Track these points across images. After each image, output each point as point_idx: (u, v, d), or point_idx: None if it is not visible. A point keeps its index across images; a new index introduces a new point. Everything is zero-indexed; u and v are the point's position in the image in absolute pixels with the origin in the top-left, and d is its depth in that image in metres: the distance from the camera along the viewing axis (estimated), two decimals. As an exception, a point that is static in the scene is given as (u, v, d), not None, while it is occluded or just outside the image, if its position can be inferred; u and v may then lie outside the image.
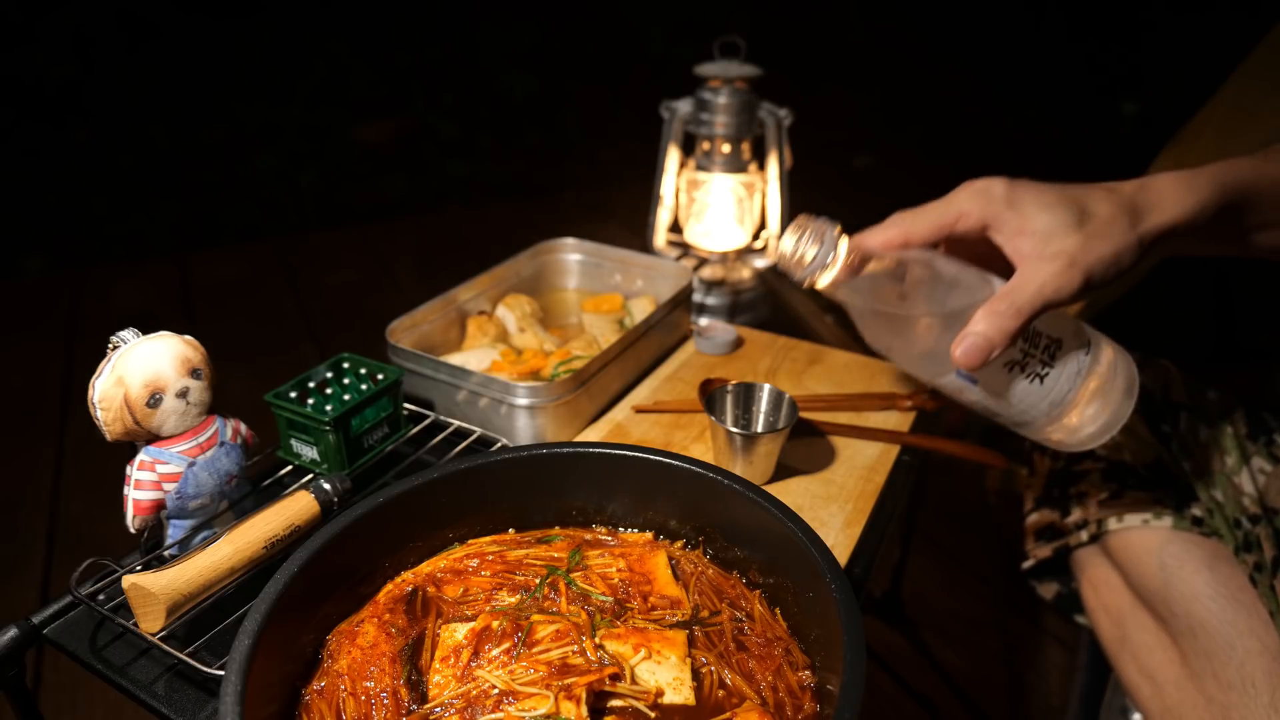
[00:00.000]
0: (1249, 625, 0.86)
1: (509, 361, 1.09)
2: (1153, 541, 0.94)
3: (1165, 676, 0.93)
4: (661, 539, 0.76)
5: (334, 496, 0.77)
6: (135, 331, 0.73)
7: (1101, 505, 1.00)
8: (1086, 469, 1.04)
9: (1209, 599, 0.88)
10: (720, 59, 1.41)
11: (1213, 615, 0.87)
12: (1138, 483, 0.99)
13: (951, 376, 0.74)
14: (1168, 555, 0.92)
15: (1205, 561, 0.90)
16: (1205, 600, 0.88)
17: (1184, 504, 0.96)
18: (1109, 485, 1.00)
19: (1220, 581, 0.89)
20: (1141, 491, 0.98)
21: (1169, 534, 0.93)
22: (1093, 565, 1.04)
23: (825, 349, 1.19)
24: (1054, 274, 0.67)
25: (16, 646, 0.70)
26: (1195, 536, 0.93)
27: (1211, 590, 0.88)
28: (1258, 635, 0.85)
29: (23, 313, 2.70)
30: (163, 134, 3.83)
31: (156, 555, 0.77)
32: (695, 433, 1.01)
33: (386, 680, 0.60)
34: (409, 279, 2.94)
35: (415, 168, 3.97)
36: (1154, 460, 1.01)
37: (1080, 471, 1.04)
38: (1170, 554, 0.92)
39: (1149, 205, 0.70)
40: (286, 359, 2.43)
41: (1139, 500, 0.97)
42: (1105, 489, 1.00)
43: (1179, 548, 0.92)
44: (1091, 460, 1.04)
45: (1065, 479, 1.06)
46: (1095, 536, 1.01)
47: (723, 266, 1.50)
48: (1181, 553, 0.92)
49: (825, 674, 0.60)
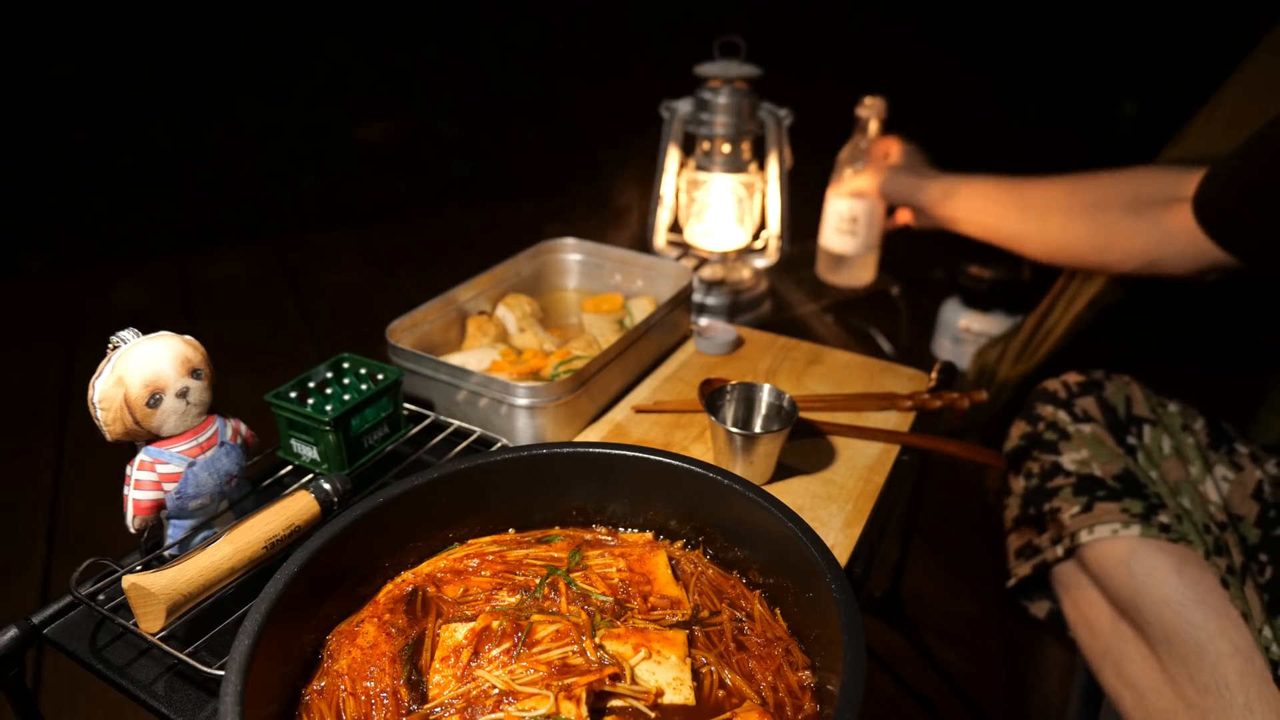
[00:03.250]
0: (1219, 628, 0.86)
1: (509, 361, 1.09)
2: (1123, 550, 0.95)
3: (1146, 685, 0.93)
4: (661, 539, 0.76)
5: (334, 496, 0.77)
6: (135, 331, 0.73)
7: (1073, 519, 1.01)
8: (1058, 485, 1.05)
9: (1178, 604, 0.89)
10: (720, 59, 1.41)
11: (1184, 620, 0.88)
12: (1107, 494, 1.00)
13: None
14: (1136, 563, 0.93)
15: (1173, 567, 0.91)
16: (1175, 605, 0.89)
17: (1152, 512, 0.97)
18: (1080, 499, 1.02)
19: (1189, 585, 0.90)
20: (1111, 502, 0.99)
21: (1137, 541, 0.94)
22: (1072, 581, 1.05)
23: (825, 349, 1.19)
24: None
25: (16, 646, 0.70)
26: (1163, 543, 0.94)
27: (1180, 595, 0.89)
28: (1229, 637, 0.85)
29: (23, 313, 2.70)
30: (163, 134, 3.82)
31: (156, 555, 0.77)
32: (695, 433, 1.01)
33: (386, 680, 0.60)
34: (409, 279, 2.94)
35: (415, 168, 3.97)
36: (1123, 471, 1.02)
37: (1052, 488, 1.06)
38: (1139, 561, 0.93)
39: (953, 190, 1.37)
40: (286, 359, 2.43)
41: (1108, 511, 0.98)
42: (1076, 502, 1.02)
43: (1147, 554, 0.93)
44: (1063, 476, 1.05)
45: (1039, 496, 1.08)
46: (1070, 550, 1.02)
47: (723, 266, 1.50)
48: (1149, 559, 0.93)
49: (825, 674, 0.60)
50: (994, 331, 1.97)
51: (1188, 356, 1.34)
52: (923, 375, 1.13)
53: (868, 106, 1.56)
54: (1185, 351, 1.63)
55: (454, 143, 4.20)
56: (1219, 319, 1.69)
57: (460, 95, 4.48)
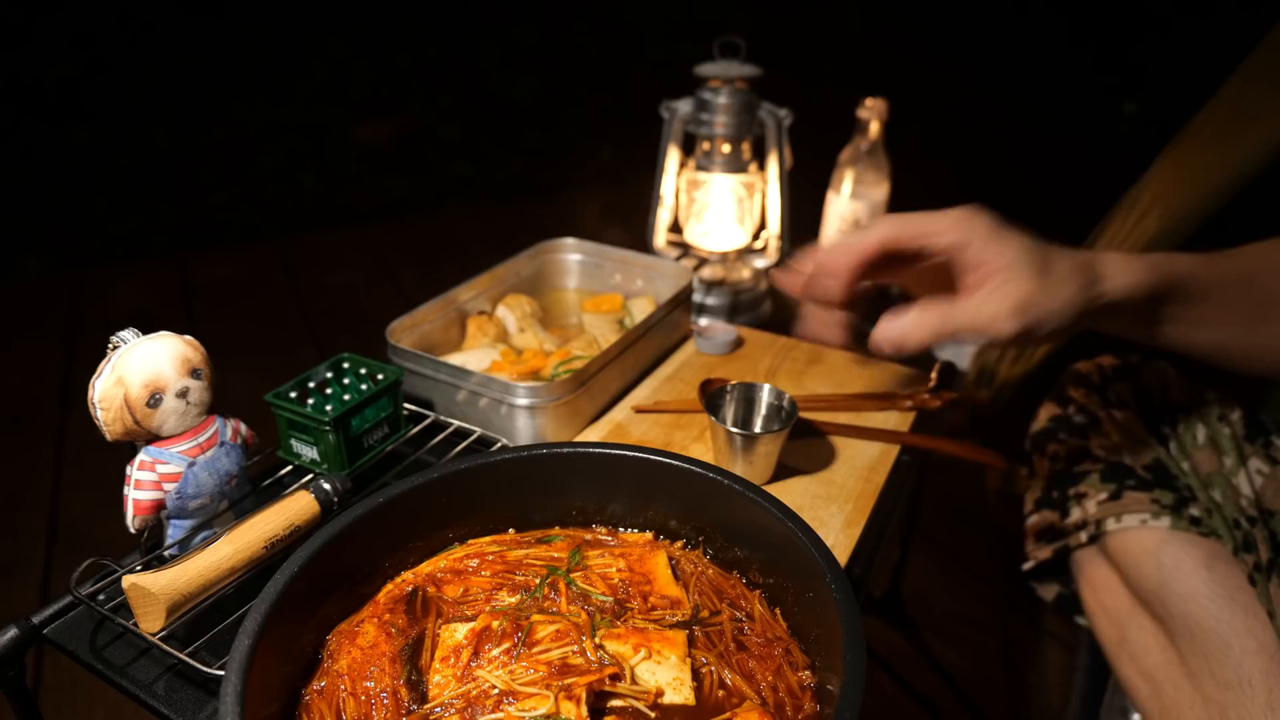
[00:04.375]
0: (1246, 625, 0.86)
1: (509, 361, 1.09)
2: (1150, 542, 0.94)
3: (1163, 677, 0.93)
4: (661, 539, 0.76)
5: (334, 496, 0.77)
6: (135, 331, 0.73)
7: (1100, 506, 1.00)
8: (1086, 470, 1.04)
9: (1206, 599, 0.88)
10: (720, 59, 1.41)
11: (1210, 615, 0.87)
12: (1137, 483, 0.99)
13: None
14: (1165, 555, 0.92)
15: (1203, 561, 0.90)
16: (1202, 600, 0.88)
17: (1182, 504, 0.96)
18: (1108, 486, 1.00)
19: (1217, 581, 0.89)
20: (1140, 492, 0.98)
21: (1166, 534, 0.93)
22: (1092, 566, 1.04)
23: (825, 349, 1.19)
24: (999, 312, 0.71)
25: (16, 646, 0.70)
26: (1193, 536, 0.93)
27: (1209, 590, 0.88)
28: (1255, 635, 0.85)
29: (23, 313, 2.70)
30: (163, 134, 3.82)
31: (156, 555, 0.77)
32: (695, 433, 1.01)
33: (386, 680, 0.60)
34: (409, 279, 2.94)
35: (415, 168, 3.97)
36: (1153, 461, 1.01)
37: (1080, 473, 1.04)
38: (1167, 554, 0.92)
39: (1101, 275, 0.74)
40: (286, 359, 2.43)
41: (1137, 501, 0.97)
42: (1104, 489, 1.00)
43: (1176, 548, 0.92)
44: (1091, 461, 1.04)
45: (1065, 480, 1.06)
46: (1094, 537, 1.01)
47: (723, 266, 1.50)
48: (1179, 553, 0.92)
49: (825, 674, 0.60)
50: (994, 332, 1.96)
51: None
52: (923, 375, 1.13)
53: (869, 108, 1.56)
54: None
55: (454, 143, 4.20)
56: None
57: (460, 95, 4.48)
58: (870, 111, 1.57)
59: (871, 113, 1.57)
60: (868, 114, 1.57)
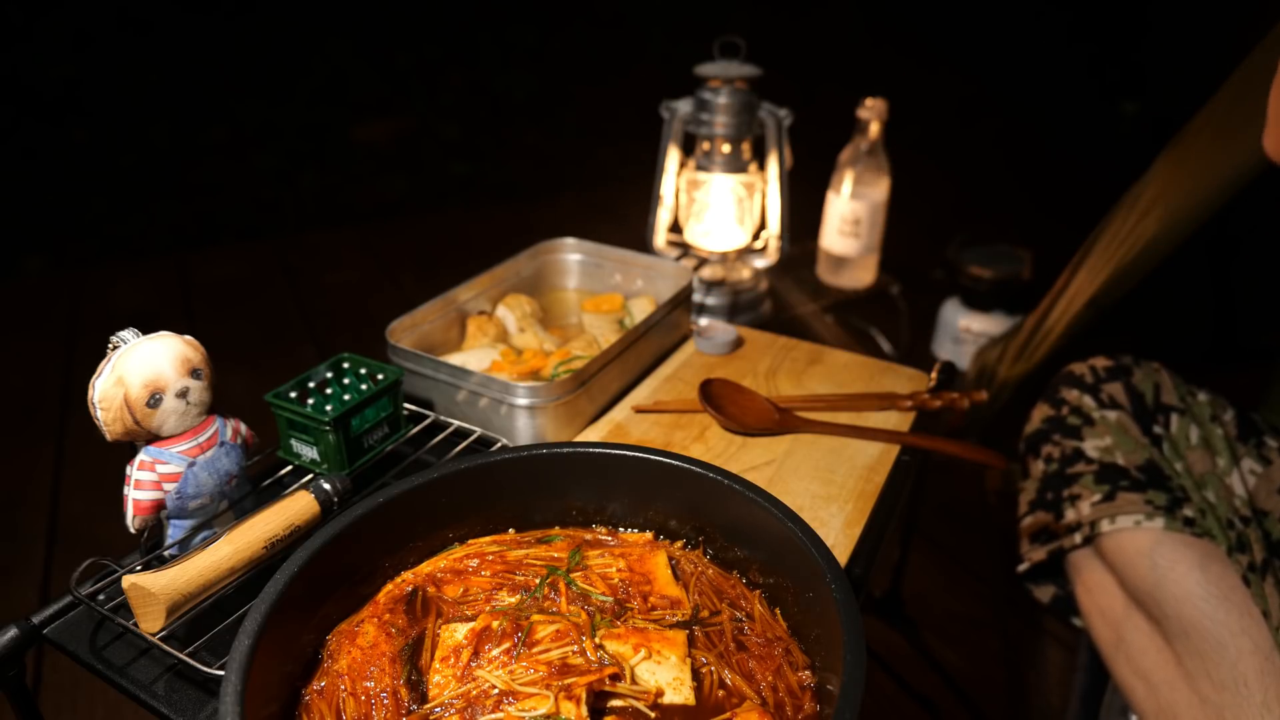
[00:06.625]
0: (1241, 625, 0.86)
1: (509, 361, 1.09)
2: (1145, 543, 0.94)
3: (1159, 677, 0.93)
4: (661, 539, 0.76)
5: (334, 496, 0.77)
6: (135, 331, 0.73)
7: (1094, 507, 1.00)
8: (1079, 471, 1.04)
9: (1201, 600, 0.88)
10: (720, 59, 1.41)
11: (1205, 616, 0.88)
12: (1130, 484, 0.99)
13: None
14: (1159, 556, 0.92)
15: (1197, 562, 0.90)
16: (1197, 601, 0.89)
17: (1176, 505, 0.96)
18: (1101, 487, 1.00)
19: (1212, 582, 0.89)
20: (1134, 493, 0.98)
21: (1160, 535, 0.94)
22: (1087, 567, 1.04)
23: (825, 349, 1.19)
24: None
25: (16, 646, 0.70)
26: (1187, 537, 0.93)
27: (1203, 591, 0.89)
28: (1250, 635, 0.85)
29: (23, 313, 2.70)
30: (163, 134, 3.83)
31: (156, 555, 0.77)
32: (695, 433, 1.01)
33: (386, 680, 0.60)
34: (409, 279, 2.94)
35: (415, 168, 3.97)
36: (1146, 462, 1.01)
37: (1073, 474, 1.05)
38: (1162, 555, 0.92)
39: None
40: (286, 359, 2.43)
41: (1131, 502, 0.97)
42: (1098, 491, 1.01)
43: (1170, 549, 0.92)
44: (1084, 463, 1.04)
45: (1059, 482, 1.06)
46: (1089, 538, 1.01)
47: (723, 266, 1.50)
48: (1173, 554, 0.92)
49: (825, 674, 0.60)
50: (994, 331, 1.97)
51: (1188, 356, 1.33)
52: (923, 375, 1.13)
53: (869, 108, 1.56)
54: (1185, 351, 1.63)
55: (454, 143, 4.20)
56: (1219, 319, 1.69)
57: (460, 95, 4.48)
58: (870, 111, 1.57)
59: (871, 113, 1.57)
60: (868, 114, 1.57)
